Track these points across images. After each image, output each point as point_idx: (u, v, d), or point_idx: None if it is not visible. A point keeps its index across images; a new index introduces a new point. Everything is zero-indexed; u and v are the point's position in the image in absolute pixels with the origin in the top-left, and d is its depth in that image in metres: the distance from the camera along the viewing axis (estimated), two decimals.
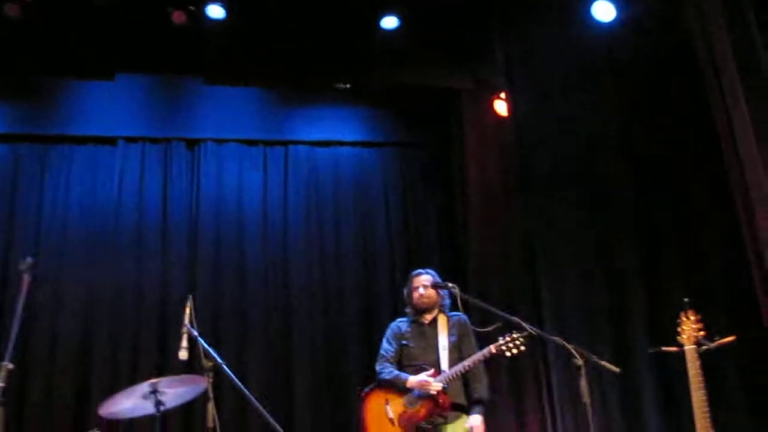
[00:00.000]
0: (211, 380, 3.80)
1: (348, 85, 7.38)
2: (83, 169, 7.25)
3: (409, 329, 4.99)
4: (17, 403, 6.20)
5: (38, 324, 6.49)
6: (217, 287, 6.95)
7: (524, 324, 3.90)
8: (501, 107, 7.05)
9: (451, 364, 4.71)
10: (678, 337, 4.24)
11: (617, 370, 3.75)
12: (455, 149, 7.47)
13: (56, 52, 6.70)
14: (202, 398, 4.28)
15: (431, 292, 4.88)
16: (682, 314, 4.23)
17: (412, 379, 4.66)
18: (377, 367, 4.88)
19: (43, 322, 6.56)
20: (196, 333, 3.92)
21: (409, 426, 4.60)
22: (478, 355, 4.57)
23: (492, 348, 4.51)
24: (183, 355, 3.96)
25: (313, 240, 7.31)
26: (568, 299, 6.25)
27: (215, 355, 3.80)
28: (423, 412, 4.60)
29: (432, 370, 4.71)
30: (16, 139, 7.21)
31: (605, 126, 6.56)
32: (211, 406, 3.75)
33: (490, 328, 4.31)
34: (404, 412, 4.66)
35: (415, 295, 4.96)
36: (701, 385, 4.04)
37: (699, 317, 4.20)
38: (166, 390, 4.18)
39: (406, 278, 5.53)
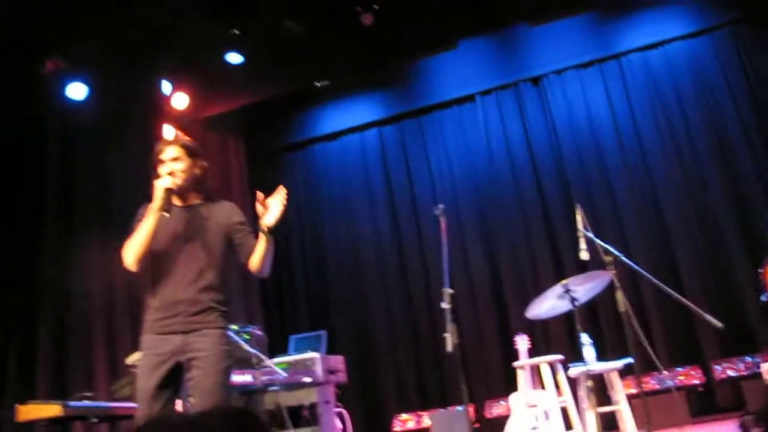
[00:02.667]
0: (614, 272, 4.08)
1: None
2: (453, 128, 8.48)
3: None
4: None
5: (453, 259, 7.46)
6: (591, 200, 7.51)
7: None
8: None
9: None
10: None
11: None
12: None
13: (403, 41, 7.72)
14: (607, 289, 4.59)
15: None
16: None
17: None
18: None
19: (456, 256, 7.84)
20: (591, 234, 4.21)
21: None
22: None
23: None
24: (584, 255, 4.29)
25: (667, 144, 7.53)
26: None
27: (612, 249, 4.06)
28: None
29: None
30: (398, 119, 8.74)
31: None
32: (620, 294, 4.02)
33: None
34: None
35: None
36: None
37: None
38: (576, 288, 4.56)
39: None
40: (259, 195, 3.30)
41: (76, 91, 7.11)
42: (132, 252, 3.29)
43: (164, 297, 3.31)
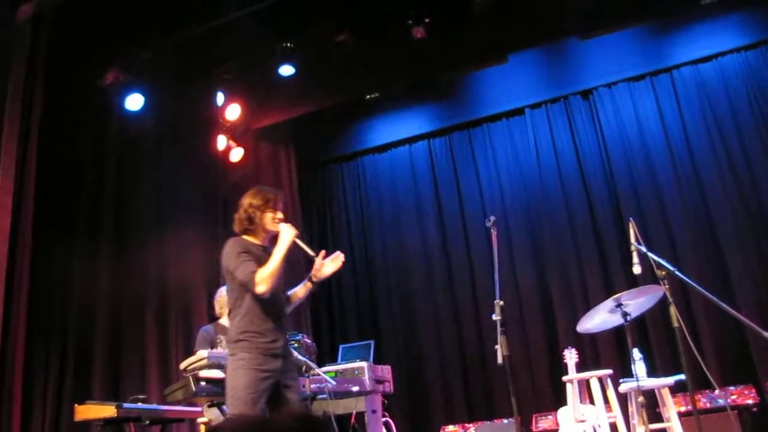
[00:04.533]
0: (667, 287, 4.00)
1: None
2: (503, 141, 8.47)
3: None
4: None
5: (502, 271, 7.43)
6: (642, 215, 7.38)
7: None
8: None
9: None
10: None
11: None
12: None
13: (453, 54, 7.64)
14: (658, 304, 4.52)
15: None
16: None
17: None
18: None
19: (505, 269, 7.50)
20: (644, 249, 4.14)
21: None
22: None
23: None
24: (637, 269, 4.22)
25: (720, 158, 7.33)
26: None
27: (666, 263, 3.98)
28: None
29: None
30: (447, 131, 8.77)
31: None
32: (673, 309, 3.93)
33: None
34: None
35: None
36: None
37: None
38: (629, 302, 4.50)
39: None
40: (322, 252, 3.99)
41: (133, 102, 7.29)
42: (269, 283, 3.75)
43: (270, 325, 3.82)
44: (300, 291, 4.06)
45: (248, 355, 3.72)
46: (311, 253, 3.92)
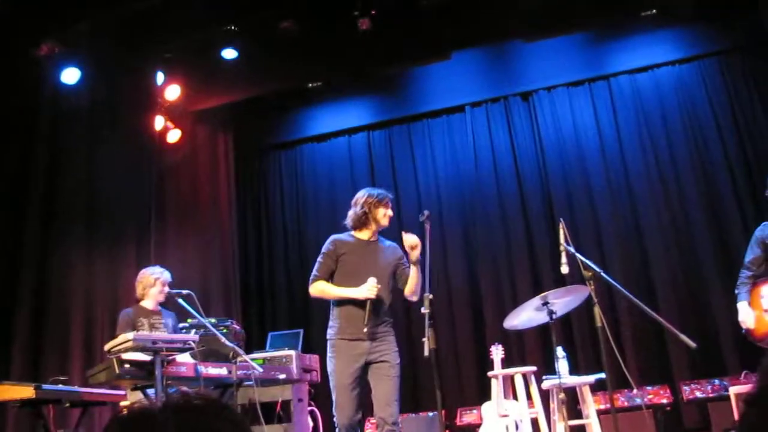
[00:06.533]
0: (592, 287, 4.10)
1: (654, 11, 7.32)
2: (442, 137, 8.54)
3: None
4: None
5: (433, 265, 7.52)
6: (573, 216, 7.54)
7: None
8: None
9: None
10: None
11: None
12: None
13: (398, 48, 7.68)
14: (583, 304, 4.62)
15: None
16: None
17: None
18: None
19: (436, 263, 7.56)
20: (572, 249, 4.23)
21: None
22: None
23: None
24: (564, 269, 4.31)
25: (650, 166, 7.55)
26: None
27: (593, 265, 4.09)
28: None
29: None
30: (387, 125, 8.77)
31: None
32: (597, 309, 4.04)
33: None
34: None
35: None
36: None
37: None
38: (555, 301, 4.57)
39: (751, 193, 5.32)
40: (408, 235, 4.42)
41: (69, 75, 7.06)
42: (316, 296, 4.58)
43: (353, 312, 4.34)
44: (411, 276, 4.47)
45: (337, 342, 4.32)
46: (366, 321, 4.23)
